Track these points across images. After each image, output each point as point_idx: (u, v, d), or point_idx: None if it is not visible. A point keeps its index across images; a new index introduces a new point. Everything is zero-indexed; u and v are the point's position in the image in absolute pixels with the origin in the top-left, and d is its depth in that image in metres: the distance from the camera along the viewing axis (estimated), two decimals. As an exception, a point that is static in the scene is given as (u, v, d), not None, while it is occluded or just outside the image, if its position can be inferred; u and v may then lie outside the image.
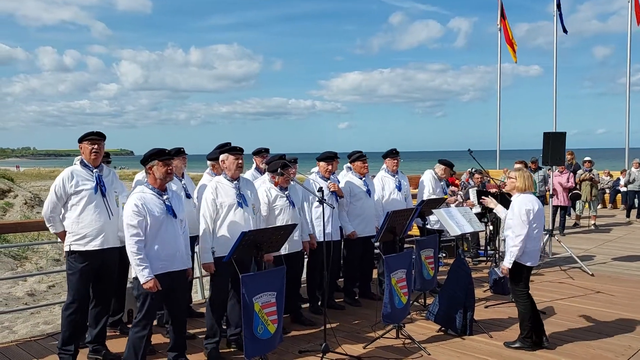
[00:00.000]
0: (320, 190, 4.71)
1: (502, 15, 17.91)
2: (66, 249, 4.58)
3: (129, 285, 5.58)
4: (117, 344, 4.99)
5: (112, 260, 4.71)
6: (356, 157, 6.55)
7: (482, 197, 5.81)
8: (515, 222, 4.84)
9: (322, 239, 5.28)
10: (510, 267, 4.89)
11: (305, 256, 5.94)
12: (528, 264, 4.94)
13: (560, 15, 13.15)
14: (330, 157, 6.11)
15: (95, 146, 4.60)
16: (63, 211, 4.58)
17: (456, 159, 8.01)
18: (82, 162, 4.63)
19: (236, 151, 4.83)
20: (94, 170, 4.61)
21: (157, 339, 5.14)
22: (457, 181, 17.62)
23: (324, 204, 4.69)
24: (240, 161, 4.81)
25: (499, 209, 5.37)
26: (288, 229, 4.57)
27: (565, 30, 13.82)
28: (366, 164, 6.52)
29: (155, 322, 5.29)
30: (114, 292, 5.14)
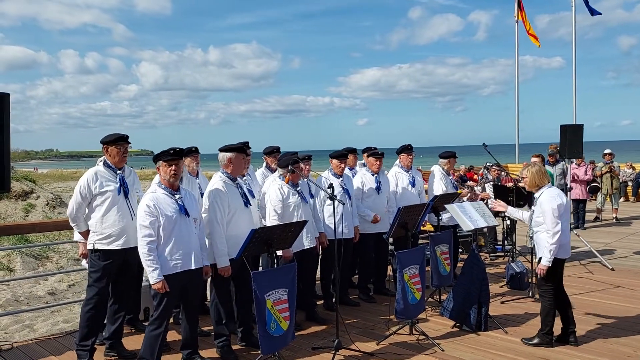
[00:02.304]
0: (331, 187, 4.70)
1: (520, 7, 17.60)
2: (89, 247, 4.68)
3: (144, 283, 5.64)
4: (132, 342, 5.05)
5: (134, 259, 4.75)
6: (370, 153, 6.53)
7: (493, 201, 5.70)
8: (548, 220, 4.73)
9: (335, 236, 5.28)
10: (550, 266, 4.77)
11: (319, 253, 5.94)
12: (561, 257, 4.85)
13: (587, 5, 12.71)
14: (343, 155, 6.08)
15: (124, 150, 4.70)
16: (87, 211, 4.68)
17: (476, 153, 7.92)
18: (105, 163, 4.70)
19: (245, 152, 4.87)
20: (118, 172, 4.69)
21: (172, 336, 5.19)
22: (475, 176, 17.46)
23: (335, 201, 4.67)
24: (247, 162, 4.86)
25: (510, 211, 5.31)
26: (299, 226, 4.57)
27: (593, 13, 12.99)
28: (377, 162, 6.48)
29: (170, 320, 5.35)
30: (133, 291, 5.22)
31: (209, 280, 4.89)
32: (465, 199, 7.42)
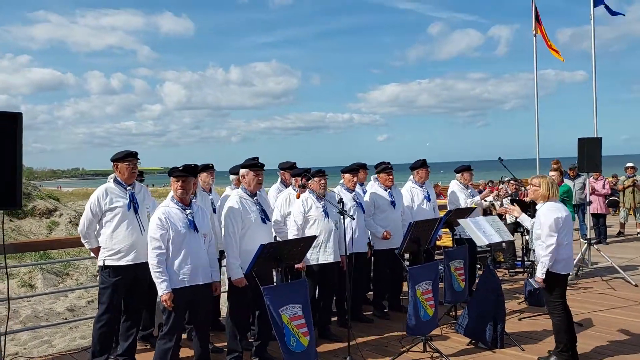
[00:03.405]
0: (341, 201, 4.70)
1: (538, 21, 17.42)
2: (100, 263, 4.74)
3: (159, 299, 5.67)
4: (147, 358, 5.05)
5: (144, 275, 4.75)
6: (381, 168, 6.51)
7: (508, 204, 5.68)
8: (544, 232, 4.68)
9: (345, 251, 5.26)
10: (543, 278, 4.73)
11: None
12: (562, 273, 4.78)
13: (606, 6, 12.48)
14: (354, 169, 6.08)
15: (133, 166, 4.77)
16: (98, 227, 4.75)
17: (498, 168, 7.87)
18: (115, 180, 4.78)
19: (257, 167, 4.86)
20: (127, 188, 4.76)
21: (185, 352, 5.19)
22: (495, 189, 17.20)
23: (345, 216, 4.66)
24: (260, 177, 4.84)
25: (522, 218, 5.24)
26: (308, 241, 4.56)
27: (613, 13, 12.61)
28: (391, 176, 6.45)
29: (184, 336, 5.36)
30: (145, 306, 5.25)
31: (224, 296, 4.89)
32: (488, 200, 7.31)
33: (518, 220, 5.33)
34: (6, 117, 3.67)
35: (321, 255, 5.38)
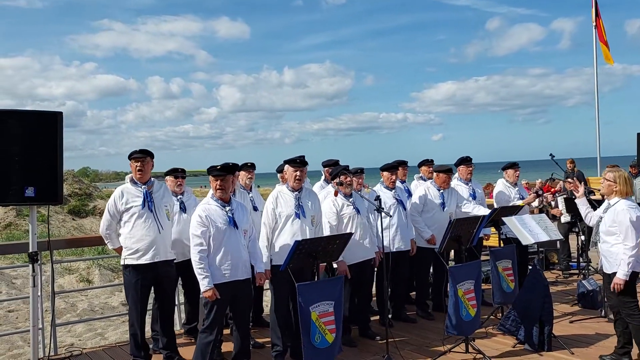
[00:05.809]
0: (378, 199, 4.64)
1: (597, 13, 16.67)
2: (122, 262, 4.80)
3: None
4: (191, 351, 5.13)
5: (166, 272, 4.83)
6: (444, 169, 6.31)
7: (572, 181, 5.35)
8: (629, 232, 4.40)
9: (387, 249, 5.18)
10: (627, 280, 4.43)
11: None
12: (637, 270, 4.48)
13: None
14: (393, 167, 5.97)
15: (139, 164, 4.76)
16: (118, 228, 4.80)
17: (555, 166, 7.58)
18: (131, 180, 4.82)
19: (295, 163, 4.85)
20: (142, 187, 4.77)
21: (228, 347, 5.27)
22: (552, 189, 16.61)
23: (382, 213, 4.60)
24: (297, 173, 4.80)
25: (580, 202, 4.95)
26: (344, 238, 4.53)
27: None
28: (450, 180, 6.31)
29: (227, 331, 5.44)
30: (174, 302, 5.27)
31: (268, 292, 4.91)
32: (533, 205, 7.06)
33: (576, 200, 5.04)
34: (47, 116, 3.82)
35: (361, 252, 5.26)
